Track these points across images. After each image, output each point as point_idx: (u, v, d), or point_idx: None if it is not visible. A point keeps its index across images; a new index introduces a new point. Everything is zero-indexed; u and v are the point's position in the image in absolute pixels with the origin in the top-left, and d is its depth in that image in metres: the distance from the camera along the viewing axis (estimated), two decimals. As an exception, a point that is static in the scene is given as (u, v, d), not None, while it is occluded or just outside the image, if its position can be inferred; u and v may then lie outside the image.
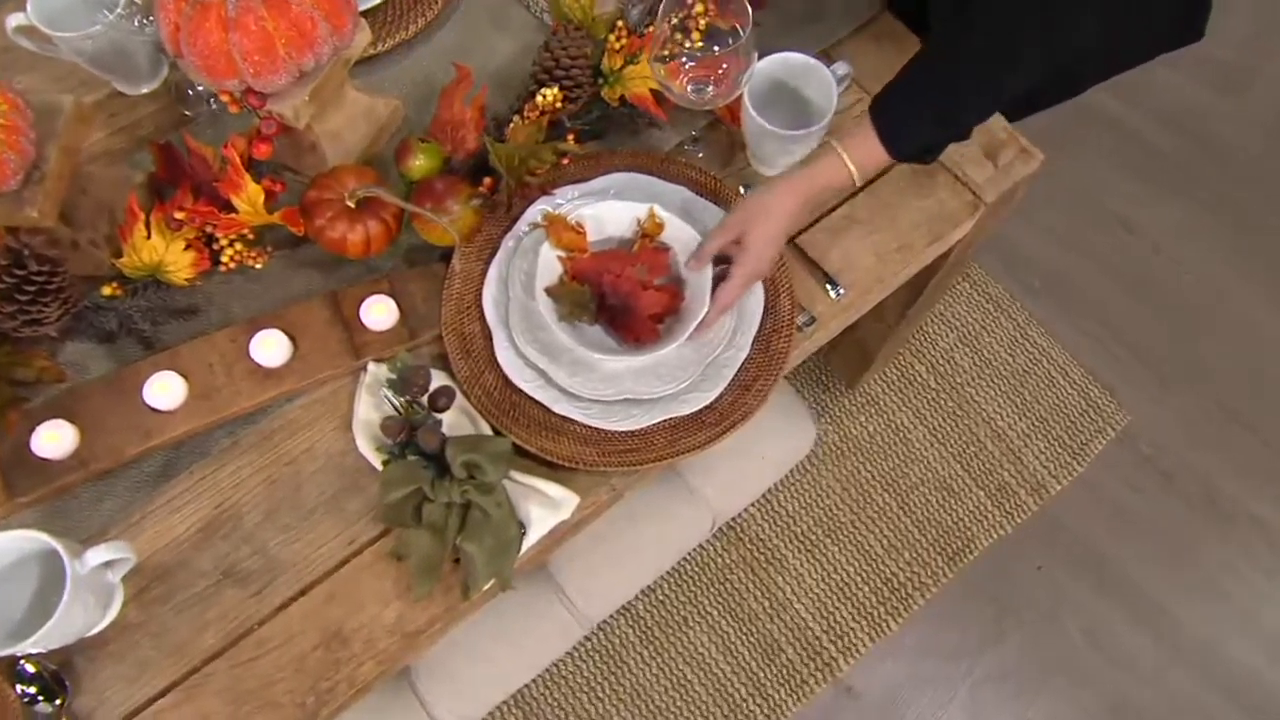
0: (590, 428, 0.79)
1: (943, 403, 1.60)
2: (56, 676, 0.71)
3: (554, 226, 0.80)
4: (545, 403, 0.79)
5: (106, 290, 0.82)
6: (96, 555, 0.68)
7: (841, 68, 0.84)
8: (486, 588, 0.75)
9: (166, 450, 0.80)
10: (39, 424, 0.76)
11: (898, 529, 1.51)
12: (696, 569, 1.47)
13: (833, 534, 1.50)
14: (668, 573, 1.45)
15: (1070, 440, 1.58)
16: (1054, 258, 1.73)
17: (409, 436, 0.76)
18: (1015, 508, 1.53)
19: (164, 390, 0.78)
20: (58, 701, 0.71)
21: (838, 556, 1.49)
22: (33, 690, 0.71)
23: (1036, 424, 1.59)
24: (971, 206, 0.90)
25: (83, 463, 0.77)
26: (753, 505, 1.50)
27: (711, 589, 1.46)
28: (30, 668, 0.71)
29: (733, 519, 1.49)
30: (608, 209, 0.82)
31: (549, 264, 0.80)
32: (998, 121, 0.93)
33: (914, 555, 1.50)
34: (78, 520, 0.77)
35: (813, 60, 0.84)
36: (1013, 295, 1.68)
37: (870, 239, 0.88)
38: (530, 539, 0.76)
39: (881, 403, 1.59)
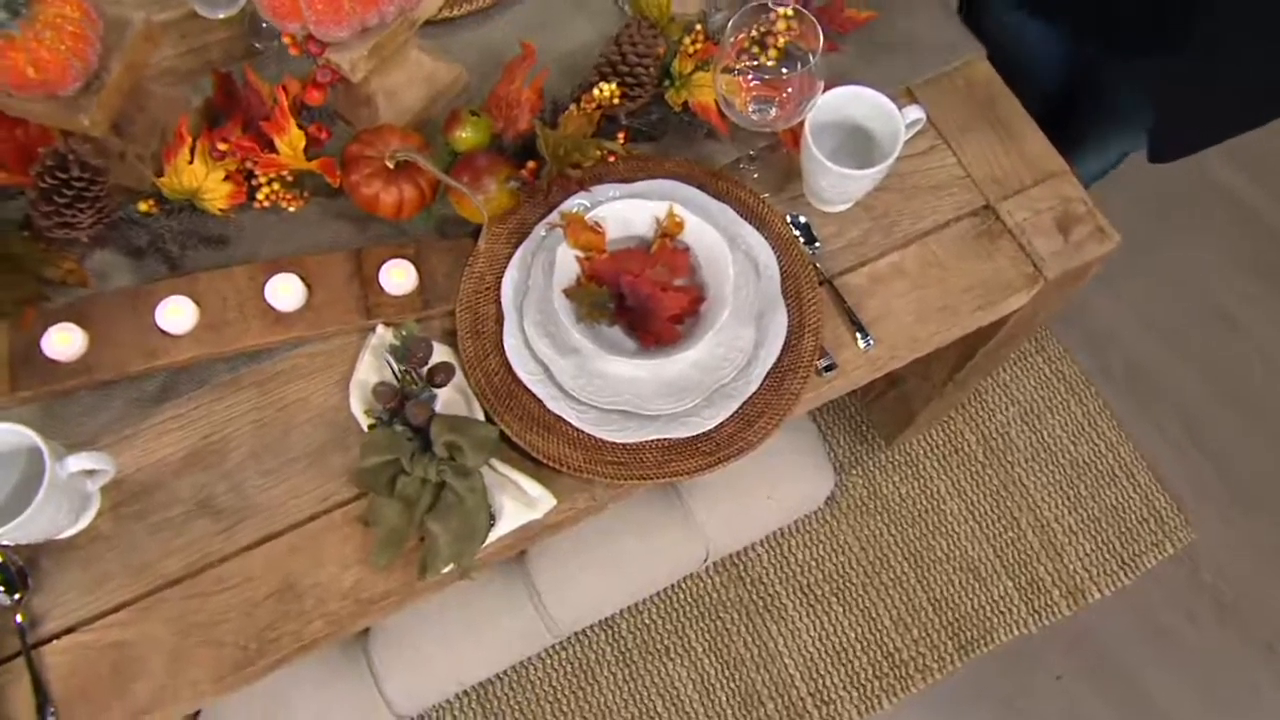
0: (581, 432, 0.82)
1: (987, 479, 1.58)
2: (21, 571, 0.78)
3: (572, 226, 0.83)
4: (542, 398, 0.82)
5: (143, 206, 0.89)
6: (78, 462, 0.74)
7: (914, 112, 0.85)
8: (446, 571, 0.79)
9: (168, 373, 0.86)
10: (53, 324, 0.83)
11: (911, 603, 1.50)
12: (689, 599, 1.49)
13: (840, 593, 1.50)
14: (657, 597, 1.48)
15: (1122, 548, 1.55)
16: (1142, 345, 1.69)
17: (399, 405, 0.80)
18: (1045, 607, 1.51)
19: (176, 314, 0.84)
20: (17, 596, 0.77)
21: (841, 618, 1.49)
22: (-4, 579, 0.77)
23: (1087, 522, 1.56)
24: (1030, 279, 0.90)
25: (87, 369, 0.83)
26: (760, 545, 1.51)
27: (700, 623, 1.48)
28: (-2, 557, 0.78)
29: (736, 556, 1.50)
30: (627, 207, 0.85)
31: (567, 264, 0.84)
32: (1078, 193, 0.93)
33: (923, 634, 1.48)
34: (73, 425, 0.84)
35: (883, 98, 0.85)
36: (1088, 378, 1.64)
37: (913, 294, 0.89)
38: (498, 531, 0.80)
39: (920, 465, 1.58)
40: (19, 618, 0.77)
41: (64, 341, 0.83)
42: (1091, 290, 1.68)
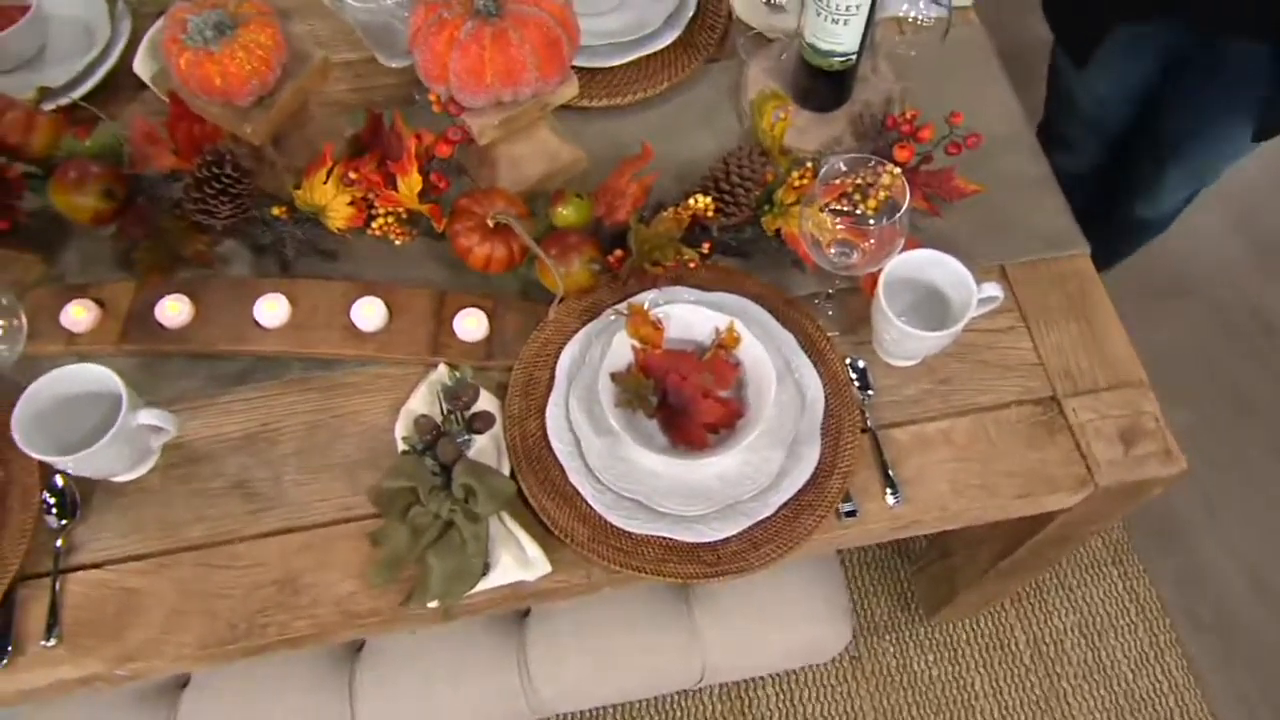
0: (593, 510, 0.86)
1: (1029, 687, 1.50)
2: (74, 500, 0.88)
3: (634, 317, 0.89)
4: (567, 469, 0.87)
5: (276, 210, 1.01)
6: (148, 416, 0.84)
7: (990, 289, 0.88)
8: (431, 605, 0.84)
9: (251, 359, 0.96)
10: (170, 294, 0.95)
11: (915, 793, 1.43)
12: (683, 718, 1.46)
13: (842, 760, 1.45)
14: (654, 708, 1.46)
15: (1165, 804, 1.43)
16: (1240, 597, 1.58)
17: (435, 440, 0.87)
18: (1062, 843, 1.40)
19: (271, 310, 0.94)
20: (64, 521, 0.87)
21: (837, 787, 1.43)
22: (53, 501, 0.87)
23: (1131, 764, 1.45)
24: (1080, 482, 0.89)
25: (184, 340, 0.94)
26: (771, 685, 1.48)
27: (690, 748, 1.45)
28: (60, 481, 0.88)
29: (744, 689, 1.47)
30: (692, 311, 0.90)
31: (622, 351, 0.89)
32: (1152, 409, 0.92)
33: (919, 831, 1.41)
34: (160, 384, 0.94)
35: (963, 269, 0.88)
36: (1164, 610, 1.55)
37: (954, 464, 0.90)
38: (489, 581, 0.84)
39: (960, 652, 1.52)
40: (59, 542, 0.87)
41: (174, 310, 0.94)
42: (1198, 521, 1.60)
